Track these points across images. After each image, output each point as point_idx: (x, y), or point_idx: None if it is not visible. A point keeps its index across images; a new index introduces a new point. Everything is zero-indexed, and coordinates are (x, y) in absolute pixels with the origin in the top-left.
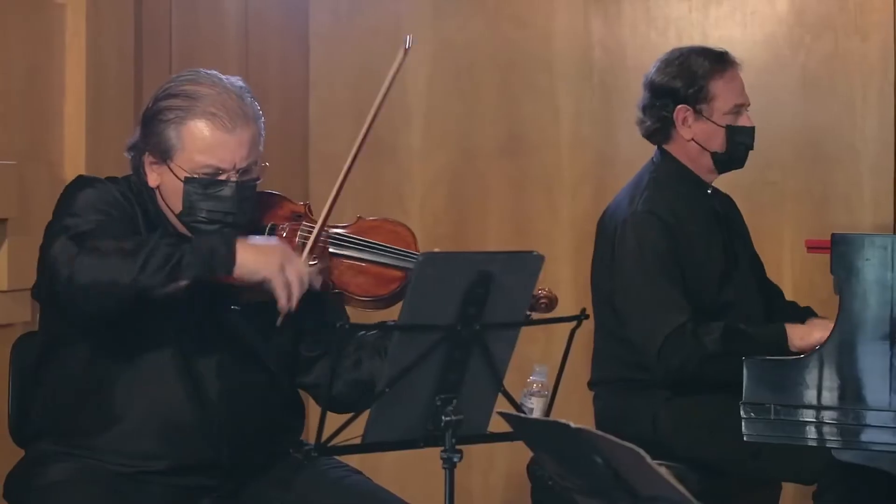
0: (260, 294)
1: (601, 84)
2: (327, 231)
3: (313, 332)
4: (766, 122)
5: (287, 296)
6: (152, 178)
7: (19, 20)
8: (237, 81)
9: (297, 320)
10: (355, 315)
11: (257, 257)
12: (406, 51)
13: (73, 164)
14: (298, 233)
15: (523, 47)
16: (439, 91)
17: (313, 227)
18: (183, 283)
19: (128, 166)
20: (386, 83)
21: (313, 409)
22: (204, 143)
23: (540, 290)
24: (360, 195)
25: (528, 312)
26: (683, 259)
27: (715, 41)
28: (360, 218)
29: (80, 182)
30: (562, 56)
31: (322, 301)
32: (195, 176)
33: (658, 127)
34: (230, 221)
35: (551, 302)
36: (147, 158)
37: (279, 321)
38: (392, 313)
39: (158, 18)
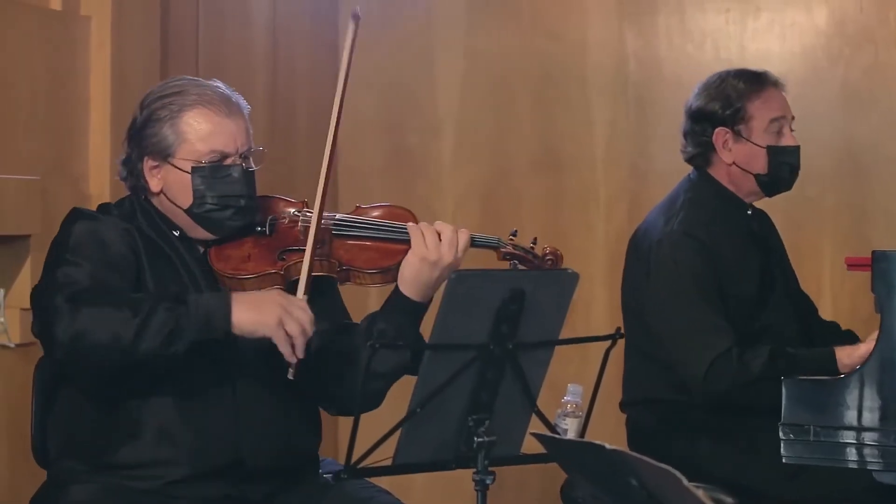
0: (265, 283)
1: (636, 98)
2: (328, 218)
3: (320, 334)
4: (804, 137)
5: (290, 350)
6: (154, 184)
7: (43, 32)
8: (219, 82)
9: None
10: (363, 294)
11: (254, 315)
12: (356, 22)
13: (98, 180)
14: (300, 221)
15: (557, 60)
16: (471, 104)
17: (311, 213)
18: (180, 349)
19: None
20: (344, 60)
21: (342, 424)
22: (204, 129)
23: (545, 246)
24: None
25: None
26: (720, 281)
27: (752, 54)
28: (358, 206)
29: (74, 218)
30: (596, 69)
31: (325, 298)
32: (202, 164)
33: (699, 151)
34: (241, 205)
35: (557, 258)
36: (147, 164)
37: (291, 373)
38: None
39: (185, 30)
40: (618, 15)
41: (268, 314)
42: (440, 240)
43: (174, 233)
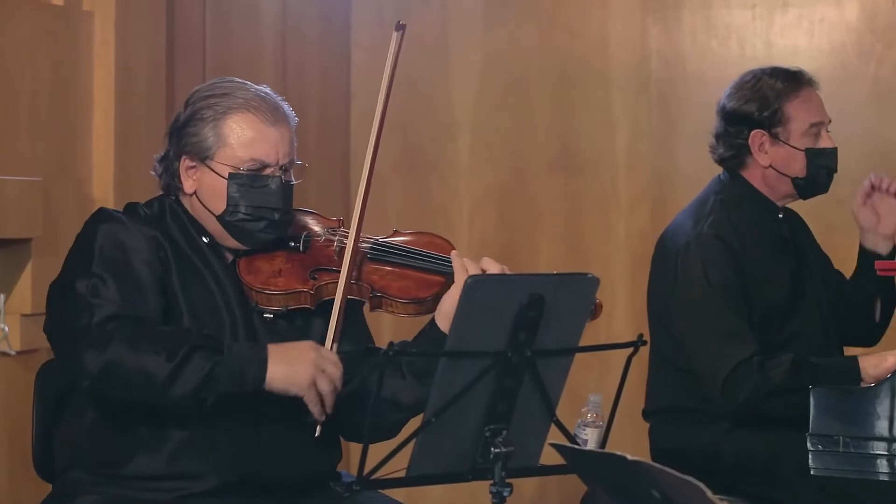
0: (293, 301)
1: (659, 96)
2: (366, 241)
3: (348, 361)
4: (834, 135)
5: (319, 410)
6: (189, 185)
7: (45, 28)
8: (266, 88)
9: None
10: (375, 320)
11: (288, 374)
12: (401, 34)
13: (102, 181)
14: (336, 240)
15: (577, 58)
16: (488, 104)
17: (347, 233)
18: (210, 400)
19: (158, 184)
20: (386, 75)
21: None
22: (247, 136)
23: None
24: (403, 213)
25: None
26: (748, 287)
27: (779, 50)
28: (396, 231)
29: (98, 218)
30: (618, 67)
31: (349, 323)
32: (240, 171)
33: (733, 154)
34: (275, 219)
35: (596, 308)
36: (184, 164)
37: (318, 431)
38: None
39: (191, 26)
40: (640, 10)
41: (301, 373)
42: None
43: (203, 239)
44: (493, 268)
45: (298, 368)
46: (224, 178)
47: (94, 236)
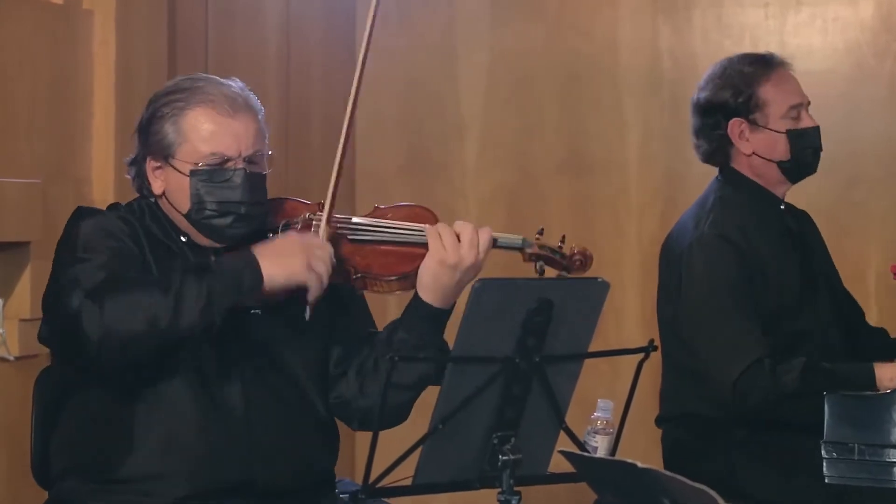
0: (281, 293)
1: (671, 97)
2: (344, 221)
3: (342, 343)
4: (849, 136)
5: (320, 287)
6: (157, 186)
7: (43, 27)
8: (236, 81)
9: (325, 324)
10: (383, 302)
11: (283, 265)
12: None
13: (102, 183)
14: (313, 225)
15: (586, 57)
16: (496, 104)
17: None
18: (217, 320)
19: None
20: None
21: (359, 442)
22: (206, 130)
23: (573, 246)
24: None
25: (564, 273)
26: (756, 285)
27: (793, 50)
28: (376, 207)
29: (79, 215)
30: (628, 67)
31: (349, 307)
32: (200, 167)
33: (716, 147)
34: (243, 212)
35: (586, 259)
36: (149, 165)
37: (309, 314)
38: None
39: (193, 25)
40: (651, 9)
41: (297, 261)
42: (459, 241)
43: (181, 238)
44: (465, 230)
45: (291, 258)
46: (186, 175)
47: (76, 229)
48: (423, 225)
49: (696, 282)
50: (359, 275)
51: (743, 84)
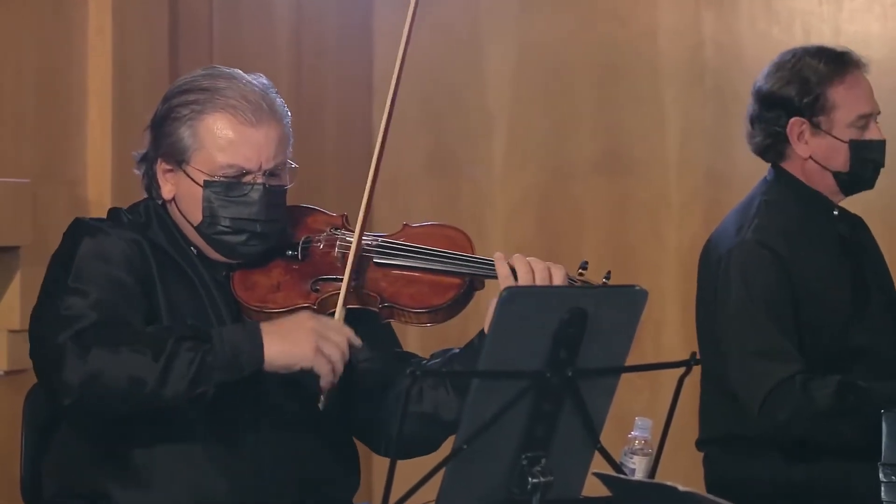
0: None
1: (714, 89)
2: (371, 241)
3: (365, 362)
4: None
5: (331, 375)
6: (166, 190)
7: (34, 15)
8: (260, 78)
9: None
10: (410, 333)
11: (288, 347)
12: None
13: (97, 184)
14: (337, 245)
15: (623, 46)
16: (525, 98)
17: (350, 233)
18: (208, 392)
19: None
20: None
21: (377, 464)
22: (225, 139)
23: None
24: (430, 220)
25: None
26: (799, 298)
27: (848, 38)
28: (406, 225)
29: (77, 233)
30: (668, 56)
31: (372, 325)
32: (215, 179)
33: (770, 143)
34: (258, 231)
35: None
36: (160, 167)
37: (322, 403)
38: (454, 336)
39: (197, 12)
40: None
41: (303, 344)
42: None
43: (192, 249)
44: (537, 265)
45: (298, 339)
46: (200, 185)
47: (73, 251)
48: (461, 251)
49: (732, 292)
50: (386, 304)
51: (812, 82)
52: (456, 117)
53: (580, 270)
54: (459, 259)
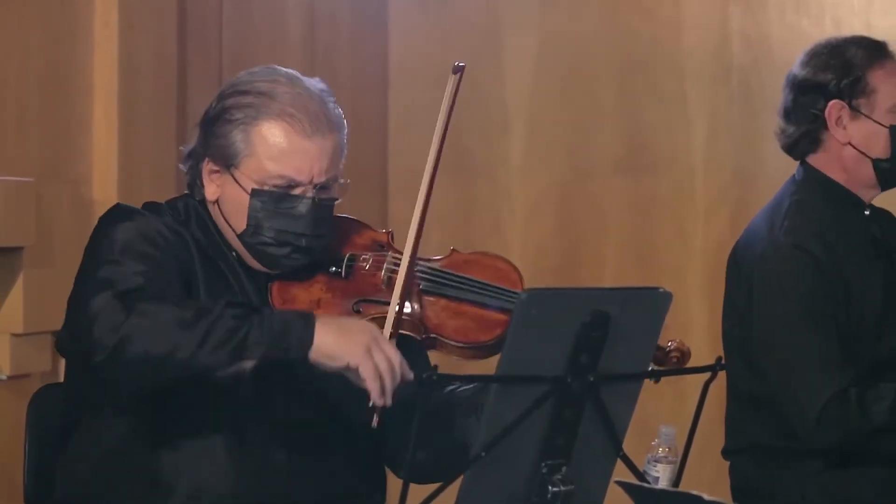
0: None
1: (742, 85)
2: (420, 268)
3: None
4: None
5: (380, 388)
6: (211, 191)
7: (37, 10)
8: (318, 83)
9: None
10: (448, 365)
11: (339, 338)
12: (459, 76)
13: (103, 182)
14: (385, 266)
15: (646, 40)
16: (545, 95)
17: (400, 258)
18: (248, 364)
19: (170, 185)
20: (441, 119)
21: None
22: (278, 148)
23: (669, 341)
24: (448, 221)
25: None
26: (837, 302)
27: (881, 32)
28: (454, 251)
29: (118, 215)
30: (693, 51)
31: (410, 354)
32: (264, 188)
33: (804, 132)
34: (303, 245)
35: (683, 356)
36: (206, 166)
37: (375, 420)
38: (489, 365)
39: (206, 6)
40: None
41: (355, 340)
42: None
43: (233, 254)
44: None
45: (352, 335)
46: (247, 192)
47: (114, 231)
48: (511, 287)
49: (770, 299)
50: (430, 335)
51: (853, 64)
52: (473, 114)
53: None
54: (508, 294)
